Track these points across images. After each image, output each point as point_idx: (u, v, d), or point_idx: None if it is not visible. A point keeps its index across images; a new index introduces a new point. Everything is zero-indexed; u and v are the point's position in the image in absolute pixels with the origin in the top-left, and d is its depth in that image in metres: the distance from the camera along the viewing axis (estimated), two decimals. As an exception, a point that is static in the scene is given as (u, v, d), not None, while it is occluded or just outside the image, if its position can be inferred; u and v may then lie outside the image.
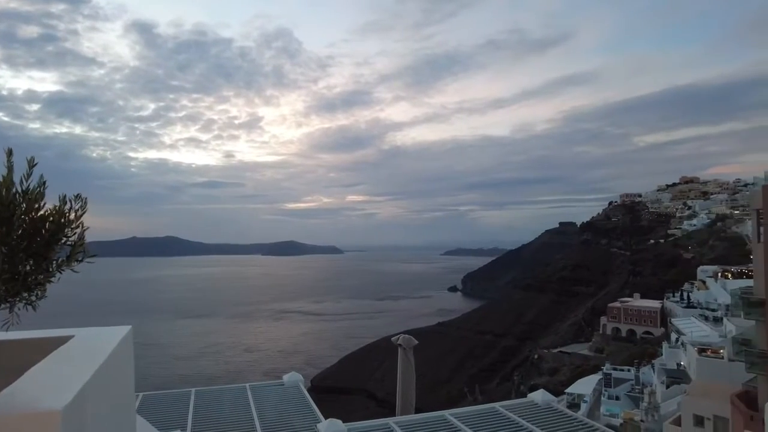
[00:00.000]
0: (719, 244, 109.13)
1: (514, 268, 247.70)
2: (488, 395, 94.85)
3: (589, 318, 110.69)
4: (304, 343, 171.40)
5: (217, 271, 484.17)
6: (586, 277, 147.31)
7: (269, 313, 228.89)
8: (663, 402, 41.30)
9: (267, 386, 8.40)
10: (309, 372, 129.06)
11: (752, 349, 20.71)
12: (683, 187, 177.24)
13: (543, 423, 5.48)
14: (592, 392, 54.36)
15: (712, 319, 57.88)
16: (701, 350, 42.25)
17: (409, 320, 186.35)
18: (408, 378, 7.77)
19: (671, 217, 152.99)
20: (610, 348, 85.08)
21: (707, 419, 29.48)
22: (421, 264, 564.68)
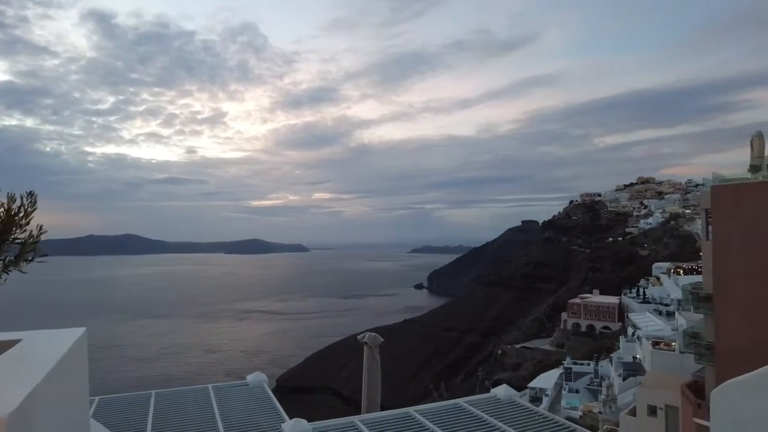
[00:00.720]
0: (672, 241, 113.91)
1: (478, 266, 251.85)
2: (453, 391, 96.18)
3: (551, 314, 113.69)
4: (268, 343, 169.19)
5: (177, 270, 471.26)
6: (547, 274, 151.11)
7: (232, 313, 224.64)
8: (620, 394, 42.80)
9: (230, 387, 8.24)
10: (274, 372, 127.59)
11: (700, 342, 21.73)
12: (640, 187, 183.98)
13: (505, 418, 5.58)
14: (553, 386, 55.76)
15: (665, 313, 60.22)
16: (655, 343, 43.96)
17: (375, 318, 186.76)
18: (374, 376, 7.77)
19: (629, 215, 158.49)
20: (571, 343, 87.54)
21: (659, 409, 30.78)
22: (387, 262, 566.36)
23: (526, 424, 5.48)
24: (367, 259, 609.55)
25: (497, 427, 5.31)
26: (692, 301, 22.45)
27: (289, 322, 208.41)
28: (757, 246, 18.61)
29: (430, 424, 5.39)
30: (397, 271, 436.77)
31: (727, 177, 21.80)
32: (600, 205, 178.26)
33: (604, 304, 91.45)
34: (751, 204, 19.08)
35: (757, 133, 20.98)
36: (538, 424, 5.50)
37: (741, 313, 19.34)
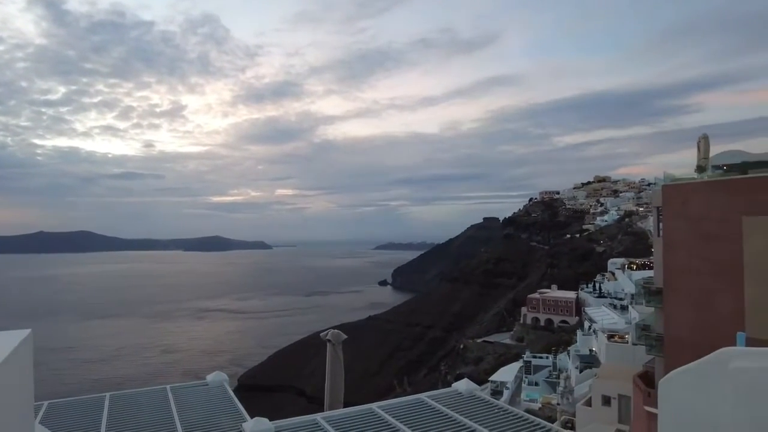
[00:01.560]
0: (626, 238, 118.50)
1: (441, 262, 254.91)
2: (416, 386, 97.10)
3: (511, 308, 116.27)
4: (229, 342, 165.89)
5: (133, 268, 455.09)
6: (508, 269, 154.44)
7: (190, 312, 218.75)
8: (577, 385, 44.22)
9: (189, 387, 8.04)
10: (235, 371, 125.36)
11: (651, 334, 22.75)
12: (596, 185, 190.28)
13: (466, 411, 5.68)
14: (513, 379, 57.02)
15: (619, 307, 62.54)
16: (610, 336, 45.68)
17: (339, 315, 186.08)
18: (336, 373, 7.75)
19: (586, 213, 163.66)
20: (530, 337, 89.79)
21: (613, 399, 32.07)
22: (351, 259, 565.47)
23: (486, 417, 5.59)
24: (331, 256, 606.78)
25: (459, 421, 5.39)
26: (644, 295, 23.45)
27: (250, 320, 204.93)
28: (702, 242, 19.60)
29: (392, 420, 5.42)
30: (361, 268, 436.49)
31: (676, 177, 22.83)
32: (558, 202, 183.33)
33: (562, 299, 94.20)
34: (697, 203, 20.07)
35: (703, 136, 22.04)
36: (498, 417, 5.62)
37: (687, 305, 20.34)
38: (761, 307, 16.34)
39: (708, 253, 19.35)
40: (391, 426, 5.32)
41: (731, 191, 19.07)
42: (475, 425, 5.25)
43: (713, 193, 19.71)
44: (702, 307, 19.46)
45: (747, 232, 17.88)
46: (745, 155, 22.61)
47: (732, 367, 3.10)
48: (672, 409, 3.77)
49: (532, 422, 5.44)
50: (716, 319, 18.22)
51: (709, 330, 18.18)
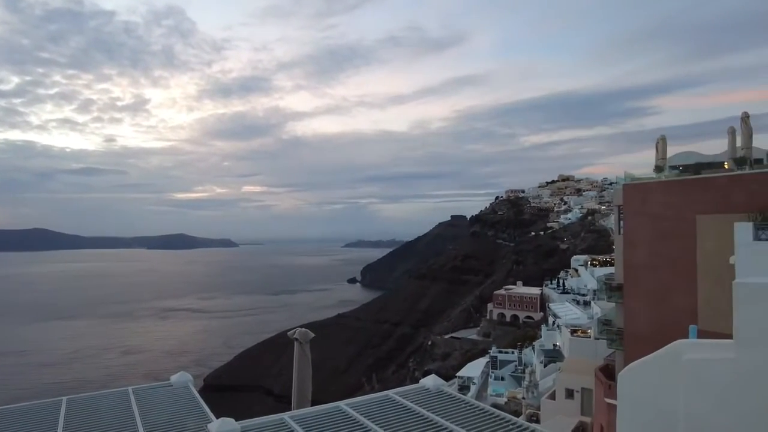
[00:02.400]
0: (589, 235, 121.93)
1: (410, 259, 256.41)
2: (385, 383, 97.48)
3: (478, 305, 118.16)
4: (193, 342, 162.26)
5: (92, 266, 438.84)
6: (475, 266, 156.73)
7: (152, 312, 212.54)
8: (541, 379, 45.25)
9: (152, 388, 7.83)
10: (201, 372, 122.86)
11: (612, 328, 23.54)
12: (560, 184, 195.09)
13: (434, 407, 5.74)
14: (480, 374, 57.92)
15: (582, 303, 64.31)
16: (573, 331, 46.89)
17: (307, 313, 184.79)
18: (304, 372, 7.70)
19: (550, 211, 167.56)
20: (497, 332, 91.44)
21: (576, 392, 33.03)
22: (320, 257, 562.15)
23: (453, 412, 5.67)
24: (299, 254, 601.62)
25: (426, 417, 5.44)
26: (605, 291, 24.22)
27: (215, 320, 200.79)
28: (659, 240, 20.39)
29: (360, 417, 5.43)
30: (330, 266, 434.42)
31: (636, 177, 23.66)
32: (524, 201, 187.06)
33: (527, 295, 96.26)
34: (655, 201, 20.86)
35: (661, 137, 22.91)
36: (465, 412, 5.70)
37: (645, 300, 21.13)
38: (712, 301, 17.13)
39: (665, 250, 20.14)
40: (358, 423, 5.33)
41: (686, 191, 19.91)
42: (443, 421, 5.32)
43: (670, 192, 20.51)
44: (659, 302, 20.25)
45: (700, 230, 18.71)
46: (699, 156, 23.64)
47: (685, 359, 3.24)
48: (630, 400, 3.92)
49: (498, 416, 5.54)
50: (672, 314, 18.99)
51: (666, 324, 18.93)
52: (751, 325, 2.79)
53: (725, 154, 21.57)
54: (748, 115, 19.66)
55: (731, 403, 2.94)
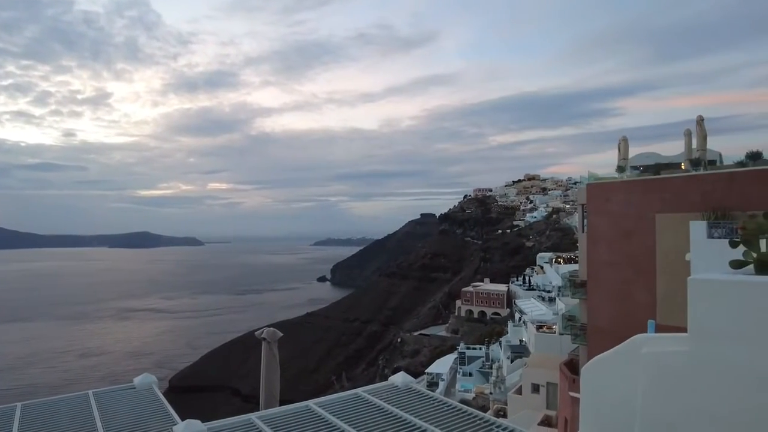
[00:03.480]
0: (554, 233, 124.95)
1: (380, 257, 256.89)
2: (354, 381, 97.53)
3: (446, 302, 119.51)
4: (157, 343, 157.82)
5: (50, 266, 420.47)
6: (443, 264, 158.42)
7: (113, 313, 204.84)
8: (508, 375, 46.15)
9: (114, 391, 7.59)
10: (165, 373, 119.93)
11: (576, 324, 24.22)
12: (526, 183, 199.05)
13: (403, 404, 5.78)
14: (449, 371, 58.60)
15: (547, 299, 65.86)
16: (538, 327, 48.04)
17: (276, 312, 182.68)
18: (272, 371, 7.63)
19: (516, 209, 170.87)
20: (465, 329, 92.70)
21: (542, 386, 33.84)
22: (289, 255, 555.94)
23: (422, 409, 5.72)
24: (268, 253, 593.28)
25: (395, 414, 5.48)
26: (570, 288, 24.88)
27: (180, 320, 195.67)
28: (621, 238, 21.09)
29: (329, 416, 5.42)
30: (299, 265, 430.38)
31: (599, 176, 24.37)
32: (491, 199, 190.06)
33: (494, 292, 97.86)
34: (617, 201, 21.55)
35: (623, 138, 23.67)
36: (434, 409, 5.76)
37: (607, 297, 21.83)
38: (670, 297, 17.83)
39: (626, 247, 20.83)
40: (327, 422, 5.32)
41: (646, 190, 20.63)
42: (411, 418, 5.36)
43: (631, 191, 21.22)
44: (621, 298, 20.94)
45: (659, 228, 19.43)
46: (658, 157, 24.54)
47: (644, 352, 3.35)
48: (592, 393, 4.04)
49: (466, 412, 5.63)
50: (633, 309, 19.67)
51: (627, 319, 19.61)
52: (703, 319, 2.92)
53: (682, 156, 22.44)
54: (702, 118, 20.51)
55: (685, 393, 3.07)
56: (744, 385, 2.75)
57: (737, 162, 19.34)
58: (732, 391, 2.81)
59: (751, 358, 2.70)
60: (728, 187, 17.58)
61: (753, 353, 2.69)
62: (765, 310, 2.67)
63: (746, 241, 3.12)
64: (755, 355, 2.69)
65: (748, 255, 3.12)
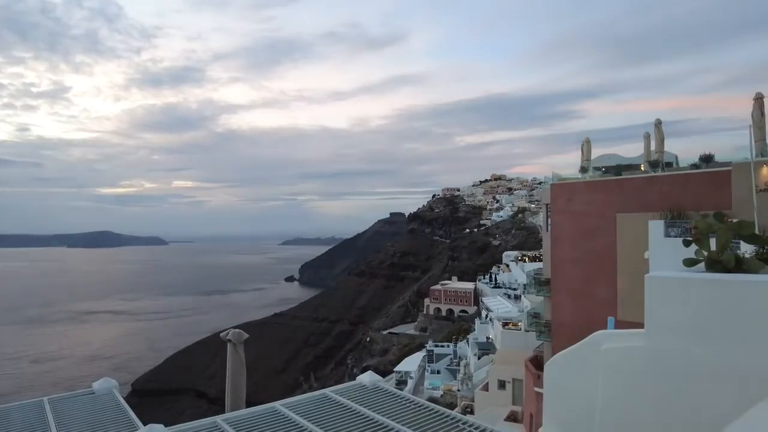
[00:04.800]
0: (520, 232, 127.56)
1: (349, 256, 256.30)
2: (323, 381, 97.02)
3: (415, 300, 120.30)
4: (118, 346, 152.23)
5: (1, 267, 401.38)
6: (412, 262, 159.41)
7: (70, 315, 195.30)
8: (475, 372, 46.79)
9: (71, 397, 7.29)
10: (127, 377, 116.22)
11: (540, 321, 24.81)
12: (493, 183, 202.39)
13: (370, 403, 5.79)
14: (417, 368, 58.98)
15: (513, 297, 66.99)
16: (505, 324, 48.85)
17: (243, 313, 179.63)
18: (238, 373, 7.50)
19: (483, 209, 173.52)
20: (433, 326, 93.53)
21: (508, 382, 34.48)
22: (256, 255, 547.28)
23: (390, 408, 5.74)
24: (234, 252, 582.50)
25: (363, 414, 5.48)
26: (534, 285, 25.45)
27: (142, 322, 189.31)
28: (583, 236, 21.71)
29: (296, 417, 5.37)
30: (266, 264, 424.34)
31: (562, 177, 24.99)
32: (459, 199, 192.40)
33: (461, 290, 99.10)
34: (580, 200, 22.16)
35: (586, 140, 24.35)
36: (402, 407, 5.79)
37: (570, 294, 22.43)
38: (629, 294, 18.46)
39: (589, 246, 21.44)
40: (294, 423, 5.28)
41: (607, 190, 21.29)
42: (379, 417, 5.37)
43: (593, 191, 21.85)
44: (583, 295, 21.55)
45: (620, 227, 20.09)
46: (619, 158, 25.35)
47: (603, 348, 3.47)
48: (554, 388, 4.15)
49: (433, 410, 5.68)
50: (595, 306, 20.27)
51: (589, 315, 20.18)
52: (659, 314, 3.02)
53: (641, 157, 23.25)
54: (660, 121, 21.30)
55: (642, 387, 3.18)
56: (696, 377, 2.88)
57: (692, 164, 20.17)
58: (686, 382, 2.95)
59: (703, 351, 2.84)
60: (683, 187, 18.35)
61: (704, 347, 2.82)
62: (715, 306, 2.80)
63: (698, 241, 3.27)
64: (706, 349, 2.82)
65: (700, 253, 3.27)
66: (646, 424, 3.16)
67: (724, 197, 15.89)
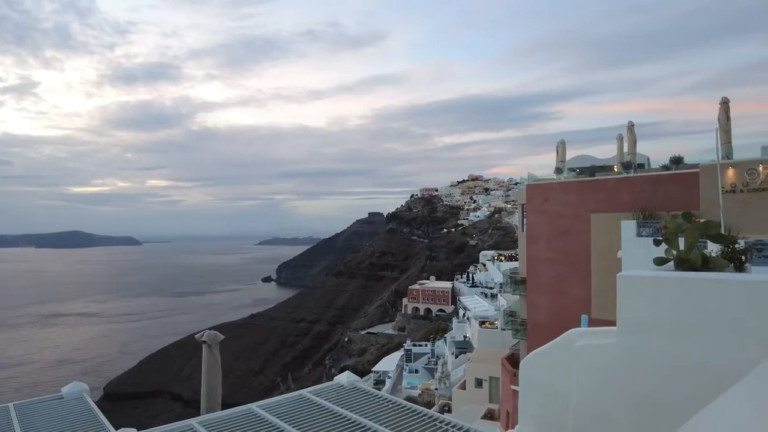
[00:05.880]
0: (496, 232, 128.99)
1: (328, 256, 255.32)
2: (301, 382, 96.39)
3: (393, 300, 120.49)
4: (89, 350, 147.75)
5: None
6: (391, 262, 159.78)
7: (34, 319, 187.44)
8: (453, 370, 47.16)
9: (39, 402, 7.08)
10: (99, 381, 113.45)
11: (516, 319, 25.15)
12: (470, 183, 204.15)
13: (348, 403, 5.78)
14: (395, 368, 59.10)
15: (490, 296, 67.78)
16: (481, 323, 49.39)
17: (219, 314, 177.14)
18: (214, 375, 7.40)
19: (461, 209, 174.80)
20: (411, 326, 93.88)
21: (485, 381, 34.85)
22: (232, 255, 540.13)
23: (367, 407, 5.74)
24: (210, 253, 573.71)
25: (340, 414, 5.47)
26: (510, 284, 25.77)
27: (114, 324, 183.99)
28: (558, 236, 22.09)
29: (272, 418, 5.33)
30: (243, 265, 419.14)
31: (538, 177, 25.39)
32: (437, 199, 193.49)
33: (439, 289, 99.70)
34: (555, 201, 22.55)
35: (561, 141, 24.78)
36: (379, 407, 5.80)
37: (545, 292, 22.80)
38: (603, 292, 18.87)
39: (563, 245, 21.82)
40: (271, 425, 5.23)
41: (581, 191, 21.70)
42: (356, 416, 5.37)
43: (567, 192, 22.25)
44: (558, 293, 21.92)
45: (593, 227, 20.51)
46: (593, 159, 25.87)
47: (577, 345, 3.54)
48: (530, 385, 4.22)
49: (409, 409, 5.70)
50: (570, 304, 20.64)
51: (564, 314, 20.55)
52: (630, 312, 3.09)
53: (615, 159, 23.79)
54: (632, 124, 21.83)
55: (613, 383, 3.25)
56: (665, 372, 2.97)
57: (662, 166, 20.72)
58: (655, 378, 3.03)
59: (671, 346, 2.92)
60: (655, 188, 18.83)
61: (673, 343, 2.91)
62: (682, 303, 2.89)
63: (667, 240, 3.37)
64: (674, 344, 2.91)
65: (669, 253, 3.37)
66: (618, 418, 3.24)
67: (693, 198, 16.37)
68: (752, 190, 15.12)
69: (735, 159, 16.34)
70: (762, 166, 15.12)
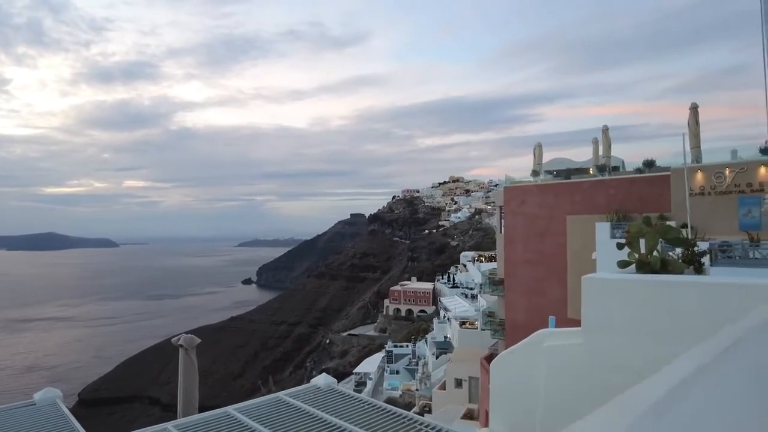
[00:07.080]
0: (476, 233, 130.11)
1: (309, 258, 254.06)
2: (281, 385, 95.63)
3: (375, 301, 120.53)
4: (62, 355, 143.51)
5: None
6: (372, 263, 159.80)
7: (3, 324, 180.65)
8: (433, 371, 47.38)
9: (9, 410, 6.93)
10: (73, 387, 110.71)
11: (495, 319, 25.47)
12: (451, 185, 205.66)
13: (325, 406, 5.83)
14: (376, 369, 59.15)
15: (470, 296, 68.24)
16: (462, 323, 49.70)
17: (199, 317, 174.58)
18: (191, 379, 7.37)
19: (442, 210, 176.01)
20: (392, 327, 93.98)
21: (464, 380, 35.12)
22: (212, 257, 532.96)
23: (344, 409, 5.80)
24: (188, 255, 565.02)
25: (317, 416, 5.52)
26: (489, 285, 26.08)
27: (88, 328, 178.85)
28: (533, 237, 22.46)
29: (249, 421, 5.35)
30: (222, 267, 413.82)
31: (515, 180, 25.76)
32: (418, 200, 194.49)
33: (420, 290, 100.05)
34: (532, 203, 22.91)
35: (538, 144, 25.19)
36: (356, 408, 5.86)
37: (522, 292, 23.14)
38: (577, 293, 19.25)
39: (540, 246, 22.18)
40: (247, 427, 5.25)
41: (558, 193, 22.10)
42: (332, 418, 5.42)
43: (544, 194, 22.63)
44: (535, 294, 22.27)
45: (569, 228, 20.90)
46: (569, 162, 26.36)
47: (545, 345, 3.66)
48: (501, 384, 4.34)
49: (388, 411, 5.77)
50: (546, 305, 20.99)
51: (540, 314, 20.83)
52: (593, 313, 3.22)
53: (590, 161, 24.27)
54: (607, 128, 22.31)
55: (579, 381, 3.36)
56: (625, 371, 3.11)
57: (636, 168, 21.23)
58: (616, 377, 3.17)
59: (633, 347, 3.06)
60: (628, 191, 19.30)
61: (633, 343, 3.05)
62: (642, 304, 3.03)
63: (629, 243, 3.52)
64: (635, 345, 3.04)
65: (631, 255, 3.52)
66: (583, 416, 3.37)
67: (665, 200, 16.83)
68: (719, 192, 15.63)
69: (704, 163, 16.86)
70: (728, 169, 15.64)
